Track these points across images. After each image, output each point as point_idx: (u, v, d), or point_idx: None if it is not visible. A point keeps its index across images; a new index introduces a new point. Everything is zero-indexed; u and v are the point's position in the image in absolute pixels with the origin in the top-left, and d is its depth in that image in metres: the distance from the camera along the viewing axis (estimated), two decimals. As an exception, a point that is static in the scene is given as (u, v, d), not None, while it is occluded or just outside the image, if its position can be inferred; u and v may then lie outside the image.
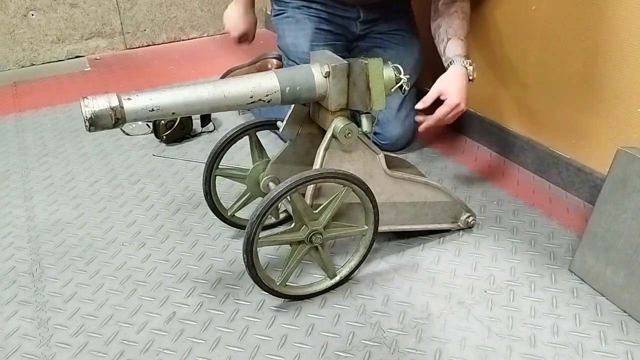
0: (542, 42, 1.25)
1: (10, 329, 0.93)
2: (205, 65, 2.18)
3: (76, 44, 2.28)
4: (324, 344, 0.89)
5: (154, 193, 1.33)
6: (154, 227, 1.20)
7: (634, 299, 0.92)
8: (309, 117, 1.03)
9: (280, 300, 0.98)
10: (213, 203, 1.10)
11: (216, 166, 1.08)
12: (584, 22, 1.14)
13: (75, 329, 0.93)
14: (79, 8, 2.22)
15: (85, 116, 0.80)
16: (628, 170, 0.91)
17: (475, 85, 1.48)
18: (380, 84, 0.90)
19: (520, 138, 1.39)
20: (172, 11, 2.41)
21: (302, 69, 0.93)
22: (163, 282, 1.03)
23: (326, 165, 0.95)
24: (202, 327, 0.93)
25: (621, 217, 0.93)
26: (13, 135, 1.64)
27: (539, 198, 1.27)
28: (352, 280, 1.02)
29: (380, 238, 1.13)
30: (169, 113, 0.86)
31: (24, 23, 2.15)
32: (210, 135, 1.61)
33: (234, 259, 1.09)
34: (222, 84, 0.89)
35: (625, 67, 1.09)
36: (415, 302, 0.97)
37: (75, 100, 1.87)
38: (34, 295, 1.01)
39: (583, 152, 1.24)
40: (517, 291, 0.99)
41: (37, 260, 1.10)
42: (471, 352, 0.87)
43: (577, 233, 1.14)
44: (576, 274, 1.03)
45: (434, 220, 1.11)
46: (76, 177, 1.41)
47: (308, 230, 0.91)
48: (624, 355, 0.86)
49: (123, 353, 0.88)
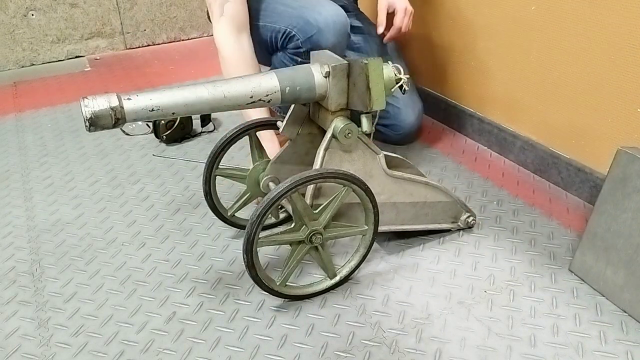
0: (542, 42, 1.25)
1: (10, 329, 0.93)
2: (205, 65, 2.18)
3: (76, 44, 2.28)
4: (324, 344, 0.89)
5: (154, 193, 1.33)
6: (154, 227, 1.20)
7: (634, 299, 0.92)
8: (309, 117, 1.03)
9: (280, 300, 0.98)
10: (213, 203, 1.10)
11: (216, 166, 1.08)
12: (583, 22, 1.14)
13: (75, 329, 0.93)
14: (79, 8, 2.23)
15: (85, 116, 0.80)
16: (628, 170, 0.91)
17: (476, 85, 1.49)
18: (380, 84, 0.90)
19: (520, 138, 1.39)
20: (172, 11, 2.41)
21: (302, 69, 0.93)
22: (163, 282, 1.03)
23: (326, 165, 0.95)
24: (202, 327, 0.93)
25: (621, 217, 0.93)
26: (13, 135, 1.64)
27: (539, 198, 1.27)
28: (352, 280, 1.02)
29: (380, 238, 1.13)
30: (169, 113, 0.86)
31: (24, 23, 2.15)
32: (210, 135, 1.61)
33: (234, 259, 1.09)
34: (222, 84, 0.89)
35: (625, 67, 1.09)
36: (415, 302, 0.97)
37: (75, 100, 1.87)
38: (34, 295, 1.01)
39: (583, 152, 1.24)
40: (517, 291, 0.99)
41: (37, 260, 1.10)
42: (471, 352, 0.87)
43: (577, 233, 1.14)
44: (576, 274, 1.03)
45: (434, 220, 1.11)
46: (76, 177, 1.41)
47: (308, 230, 0.91)
48: (624, 355, 0.86)
49: (123, 353, 0.88)
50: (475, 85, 1.49)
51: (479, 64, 1.45)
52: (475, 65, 1.47)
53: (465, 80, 1.51)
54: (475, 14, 1.38)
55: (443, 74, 1.59)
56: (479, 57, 1.44)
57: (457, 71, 1.53)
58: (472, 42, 1.45)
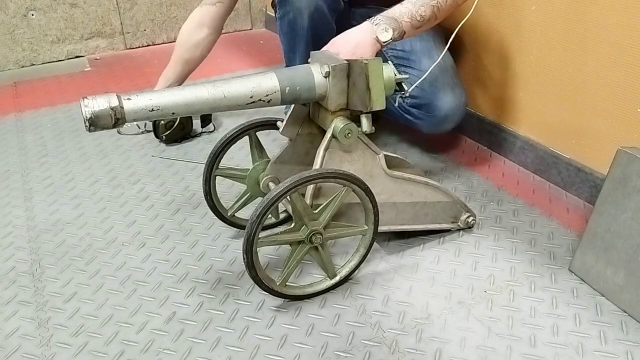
0: (542, 42, 1.25)
1: (10, 329, 0.93)
2: (205, 65, 2.17)
3: (76, 44, 2.28)
4: (324, 344, 0.89)
5: (154, 193, 1.33)
6: (154, 227, 1.20)
7: (634, 299, 0.92)
8: (309, 117, 1.03)
9: (280, 300, 0.98)
10: (213, 203, 1.10)
11: (216, 166, 1.08)
12: (583, 22, 1.14)
13: (75, 329, 0.93)
14: (79, 8, 2.23)
15: (85, 116, 0.80)
16: (628, 170, 0.91)
17: (475, 85, 1.49)
18: (380, 84, 0.90)
19: (520, 138, 1.39)
20: (172, 11, 2.41)
21: (302, 69, 0.93)
22: (163, 282, 1.03)
23: (326, 165, 0.95)
24: (202, 327, 0.93)
25: (621, 217, 0.93)
26: (13, 135, 1.64)
27: (539, 198, 1.27)
28: (352, 280, 1.02)
29: (380, 238, 1.13)
30: (169, 113, 0.86)
31: (24, 23, 2.15)
32: (210, 135, 1.61)
33: (234, 259, 1.09)
34: (222, 84, 0.89)
35: (625, 67, 1.09)
36: (415, 302, 0.97)
37: (75, 100, 1.87)
38: (34, 295, 1.01)
39: (583, 152, 1.24)
40: (517, 291, 0.99)
41: (37, 260, 1.10)
42: (471, 352, 0.87)
43: (577, 233, 1.14)
44: (576, 274, 1.03)
45: (434, 220, 1.11)
46: (76, 177, 1.41)
47: (308, 230, 0.91)
48: (624, 355, 0.86)
49: (123, 353, 0.88)
50: (475, 85, 1.49)
51: (478, 64, 1.45)
52: (475, 65, 1.47)
53: (465, 81, 1.51)
54: (475, 14, 1.38)
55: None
56: (479, 57, 1.44)
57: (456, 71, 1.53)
58: (471, 42, 1.45)
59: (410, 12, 1.05)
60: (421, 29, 1.08)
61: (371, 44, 1.00)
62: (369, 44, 1.00)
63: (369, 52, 1.00)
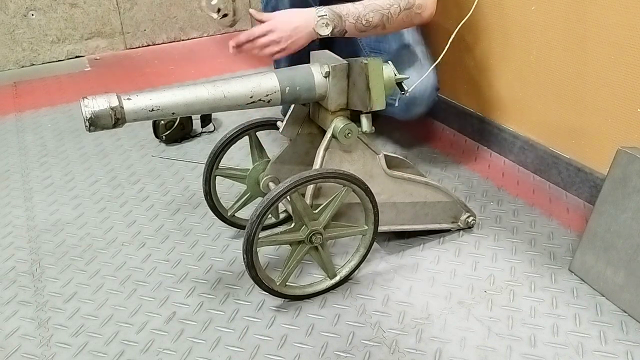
0: (542, 42, 1.25)
1: (10, 329, 0.93)
2: (205, 65, 2.18)
3: (76, 44, 2.28)
4: (324, 344, 0.89)
5: (154, 193, 1.33)
6: (154, 227, 1.20)
7: (634, 299, 0.92)
8: (309, 117, 1.04)
9: (280, 300, 0.98)
10: (213, 203, 1.10)
11: (216, 166, 1.08)
12: (583, 22, 1.14)
13: (75, 329, 0.93)
14: (79, 8, 2.22)
15: (85, 116, 0.80)
16: (628, 170, 0.91)
17: (475, 85, 1.49)
18: (380, 84, 0.90)
19: (520, 138, 1.39)
20: (172, 11, 2.41)
21: (302, 69, 0.93)
22: (163, 282, 1.03)
23: (326, 165, 0.95)
24: (202, 327, 0.93)
25: (621, 217, 0.93)
26: (13, 135, 1.64)
27: (539, 198, 1.27)
28: (352, 280, 1.02)
29: (380, 238, 1.13)
30: (169, 113, 0.86)
31: (24, 23, 2.15)
32: (210, 135, 1.61)
33: (234, 259, 1.09)
34: (222, 84, 0.89)
35: (625, 67, 1.09)
36: (415, 302, 0.97)
37: (75, 100, 1.87)
38: (34, 295, 1.01)
39: (583, 152, 1.24)
40: (517, 291, 0.99)
41: (37, 260, 1.10)
42: (471, 352, 0.87)
43: (577, 233, 1.14)
44: (576, 274, 1.03)
45: (434, 220, 1.11)
46: (76, 177, 1.41)
47: (308, 230, 0.91)
48: (624, 355, 0.86)
49: (123, 353, 0.88)
50: (475, 85, 1.49)
51: (478, 64, 1.45)
52: (475, 65, 1.47)
53: (465, 80, 1.51)
54: (475, 13, 1.38)
55: (442, 74, 1.58)
56: (479, 57, 1.44)
57: (456, 71, 1.53)
58: (471, 42, 1.45)
59: (358, 14, 1.07)
60: (366, 33, 1.10)
61: (308, 33, 1.04)
62: (306, 33, 1.04)
63: (303, 39, 1.05)
